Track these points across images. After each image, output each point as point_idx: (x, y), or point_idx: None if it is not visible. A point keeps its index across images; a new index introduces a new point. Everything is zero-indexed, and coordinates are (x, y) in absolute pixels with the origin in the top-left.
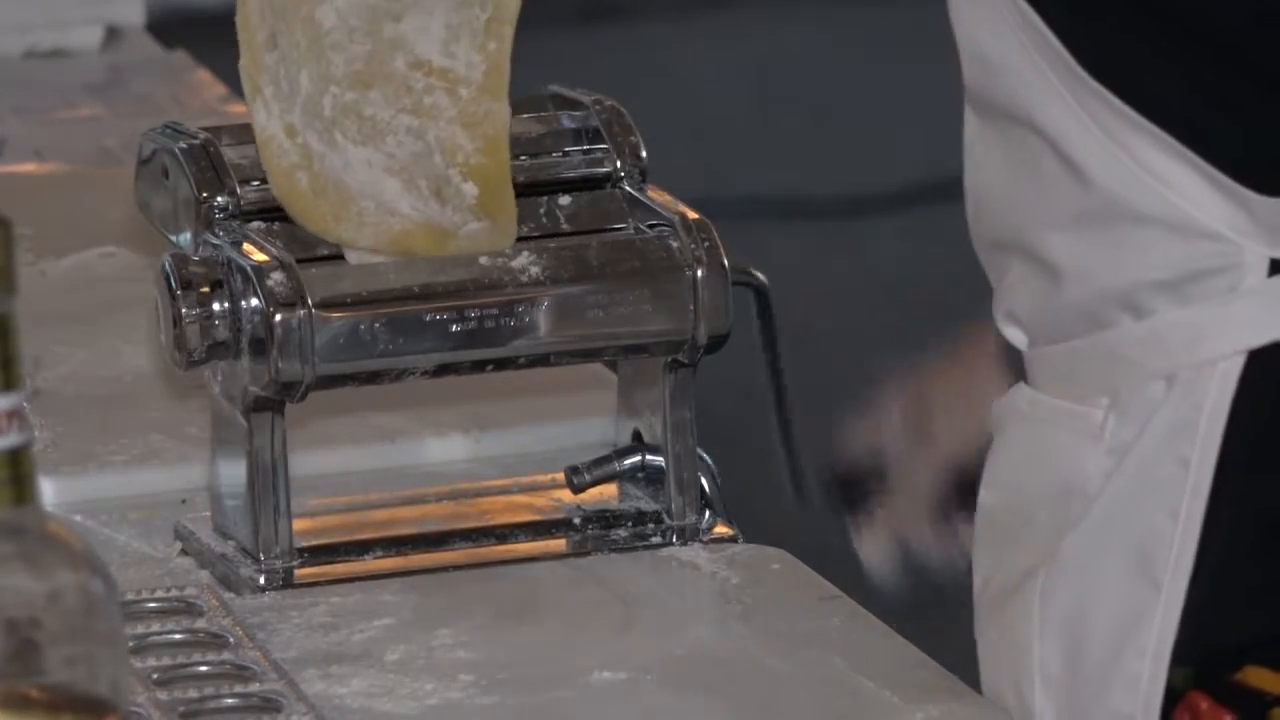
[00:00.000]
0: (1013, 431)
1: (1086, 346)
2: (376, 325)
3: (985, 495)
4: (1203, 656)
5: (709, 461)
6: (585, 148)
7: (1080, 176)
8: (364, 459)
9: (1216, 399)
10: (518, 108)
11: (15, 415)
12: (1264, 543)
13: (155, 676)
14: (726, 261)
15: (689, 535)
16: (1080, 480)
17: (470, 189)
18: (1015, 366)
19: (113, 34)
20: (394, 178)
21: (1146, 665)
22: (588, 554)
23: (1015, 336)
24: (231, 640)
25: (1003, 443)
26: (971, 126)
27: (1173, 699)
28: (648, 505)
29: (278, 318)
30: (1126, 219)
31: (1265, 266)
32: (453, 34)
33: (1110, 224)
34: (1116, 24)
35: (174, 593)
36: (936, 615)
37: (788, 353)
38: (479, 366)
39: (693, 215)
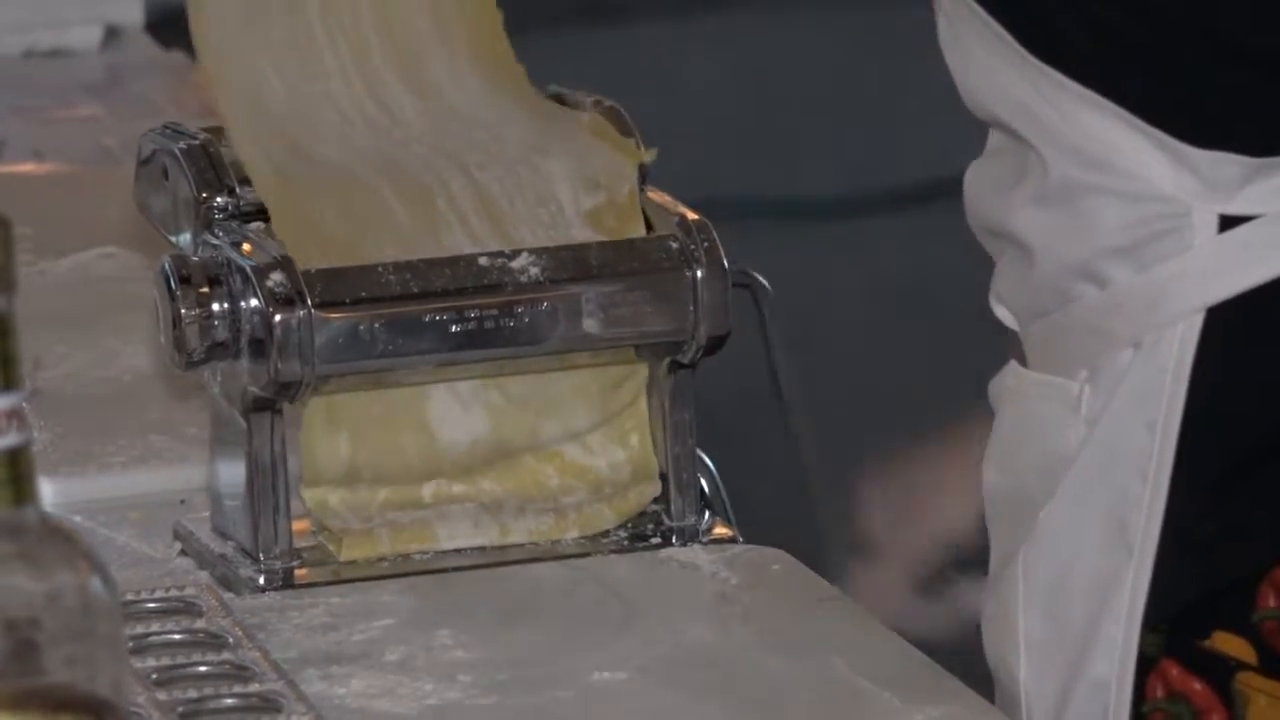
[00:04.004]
0: (1005, 409)
1: (1061, 320)
2: (376, 325)
3: (986, 474)
4: (1172, 617)
5: (709, 462)
6: None
7: (1039, 156)
8: None
9: (1178, 360)
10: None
11: (15, 415)
12: (1226, 497)
13: (155, 676)
14: (726, 262)
15: (689, 536)
16: (1062, 451)
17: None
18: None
19: (112, 34)
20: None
21: (1121, 629)
22: (587, 554)
23: (1004, 316)
24: (231, 640)
25: (999, 421)
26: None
27: (1146, 667)
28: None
29: (277, 318)
30: (1081, 191)
31: (1214, 224)
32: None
33: (1068, 198)
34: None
35: (174, 593)
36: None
37: (787, 353)
38: (478, 367)
39: (692, 216)
